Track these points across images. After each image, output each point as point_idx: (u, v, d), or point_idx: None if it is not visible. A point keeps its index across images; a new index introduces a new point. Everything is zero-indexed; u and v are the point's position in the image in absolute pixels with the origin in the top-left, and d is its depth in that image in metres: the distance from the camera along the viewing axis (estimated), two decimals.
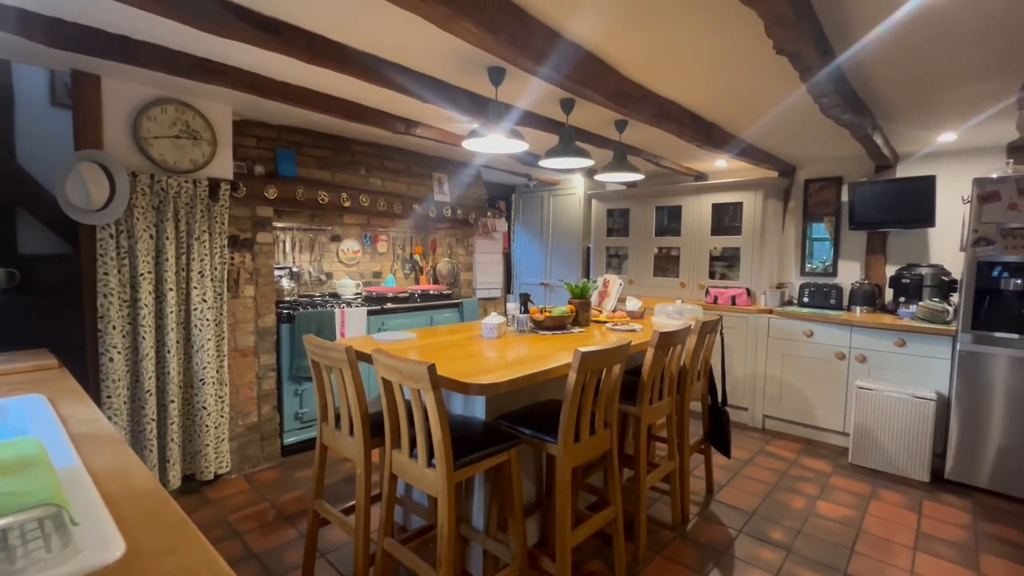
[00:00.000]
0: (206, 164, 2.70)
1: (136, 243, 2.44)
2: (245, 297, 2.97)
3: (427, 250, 4.78)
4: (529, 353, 2.10)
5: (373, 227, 4.37)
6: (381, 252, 4.46)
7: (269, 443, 3.11)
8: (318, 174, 3.37)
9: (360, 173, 3.60)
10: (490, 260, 4.47)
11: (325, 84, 2.42)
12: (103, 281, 2.35)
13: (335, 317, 3.31)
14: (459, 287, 4.50)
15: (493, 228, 4.46)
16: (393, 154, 3.82)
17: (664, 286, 4.64)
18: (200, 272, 2.66)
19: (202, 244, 2.66)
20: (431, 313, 3.99)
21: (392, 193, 3.76)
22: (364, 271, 4.34)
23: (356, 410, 1.80)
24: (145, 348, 2.48)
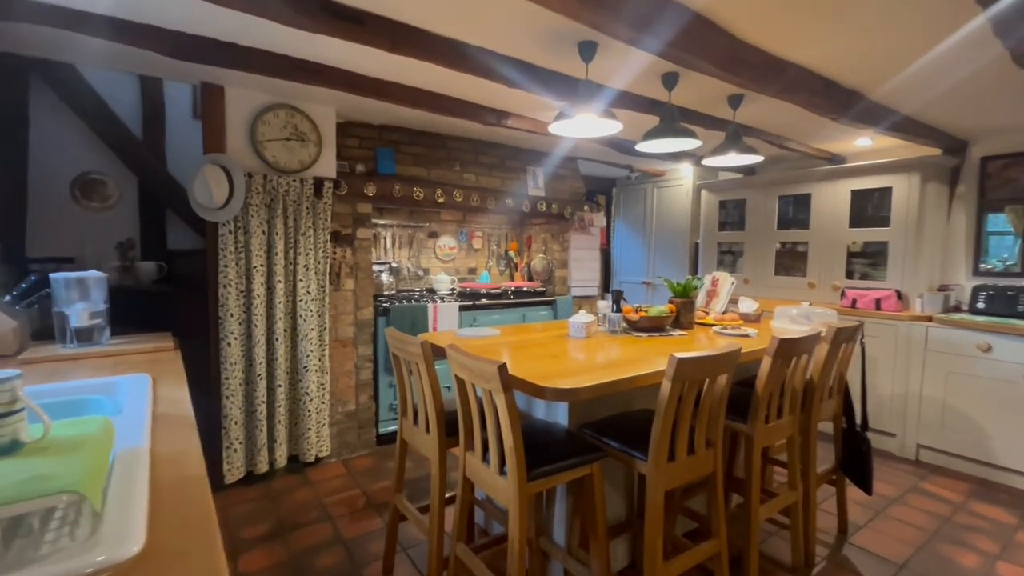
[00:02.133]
0: (312, 164, 2.86)
1: (250, 238, 2.64)
2: (345, 290, 3.11)
3: (522, 246, 4.70)
4: (619, 356, 1.88)
5: (468, 223, 4.38)
6: (476, 248, 4.46)
7: (365, 431, 3.23)
8: (414, 171, 3.44)
9: (455, 169, 3.61)
10: (586, 256, 4.26)
11: (413, 77, 2.42)
12: (223, 273, 2.58)
13: (428, 312, 3.35)
14: (553, 284, 4.35)
15: (590, 223, 4.25)
16: (487, 148, 3.78)
17: (788, 286, 4.06)
18: (305, 266, 2.82)
19: (307, 239, 2.82)
20: (524, 310, 3.89)
21: (486, 188, 3.72)
22: (460, 267, 4.38)
23: (432, 407, 1.74)
24: (257, 335, 2.68)
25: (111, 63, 2.31)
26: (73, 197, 3.03)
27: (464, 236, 4.37)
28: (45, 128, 2.93)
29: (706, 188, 4.63)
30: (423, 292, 3.98)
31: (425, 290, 4.08)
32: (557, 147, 3.95)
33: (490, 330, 2.42)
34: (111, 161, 3.12)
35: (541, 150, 4.06)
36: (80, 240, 3.04)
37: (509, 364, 1.68)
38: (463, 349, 1.56)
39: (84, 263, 3.05)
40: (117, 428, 1.03)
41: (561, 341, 2.15)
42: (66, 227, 3.01)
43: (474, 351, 1.88)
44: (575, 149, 4.03)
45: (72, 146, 3.01)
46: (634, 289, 5.28)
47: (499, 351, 1.95)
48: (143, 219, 3.23)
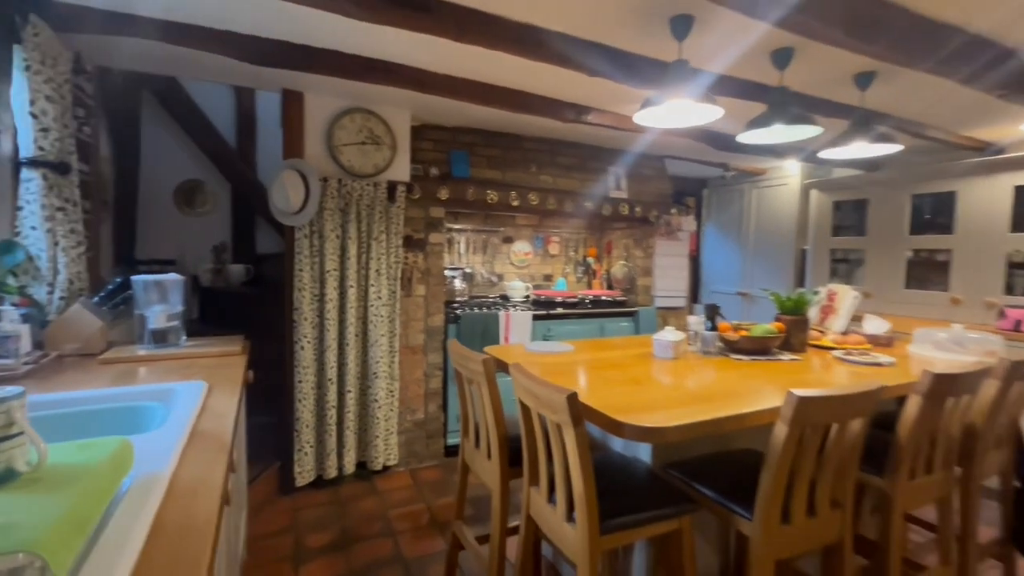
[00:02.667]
0: (386, 167, 2.82)
1: (324, 242, 2.64)
2: (416, 296, 3.04)
3: (601, 252, 4.42)
4: (715, 385, 1.58)
5: (545, 228, 4.19)
6: (552, 254, 4.25)
7: (434, 441, 3.14)
8: (488, 173, 3.31)
9: (530, 170, 3.44)
10: (673, 264, 3.89)
11: (485, 73, 2.27)
12: (298, 277, 2.60)
13: (499, 320, 3.19)
14: (635, 294, 4.02)
15: (677, 227, 3.87)
16: (565, 149, 3.57)
17: (922, 302, 3.42)
18: (377, 270, 2.78)
19: (379, 244, 2.78)
20: (602, 322, 3.62)
21: (563, 190, 3.50)
22: (535, 274, 4.20)
23: (494, 432, 1.55)
24: (328, 339, 2.67)
25: (204, 74, 2.41)
26: (176, 203, 3.24)
27: (540, 241, 4.18)
28: (154, 140, 3.16)
29: (817, 187, 4.06)
30: (496, 299, 3.84)
31: (499, 297, 3.94)
32: (642, 144, 3.63)
33: (563, 345, 2.19)
34: (208, 169, 3.31)
35: (623, 149, 3.77)
36: (181, 243, 3.26)
37: (583, 389, 1.45)
38: (529, 371, 1.36)
39: (184, 265, 3.26)
40: (149, 446, 0.96)
41: (644, 362, 1.88)
42: (169, 232, 3.24)
43: (543, 371, 1.67)
44: (662, 146, 3.69)
45: (176, 156, 3.23)
46: (726, 301, 4.78)
47: (572, 372, 1.72)
48: (235, 224, 3.40)
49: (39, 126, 1.62)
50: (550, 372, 1.71)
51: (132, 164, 3.07)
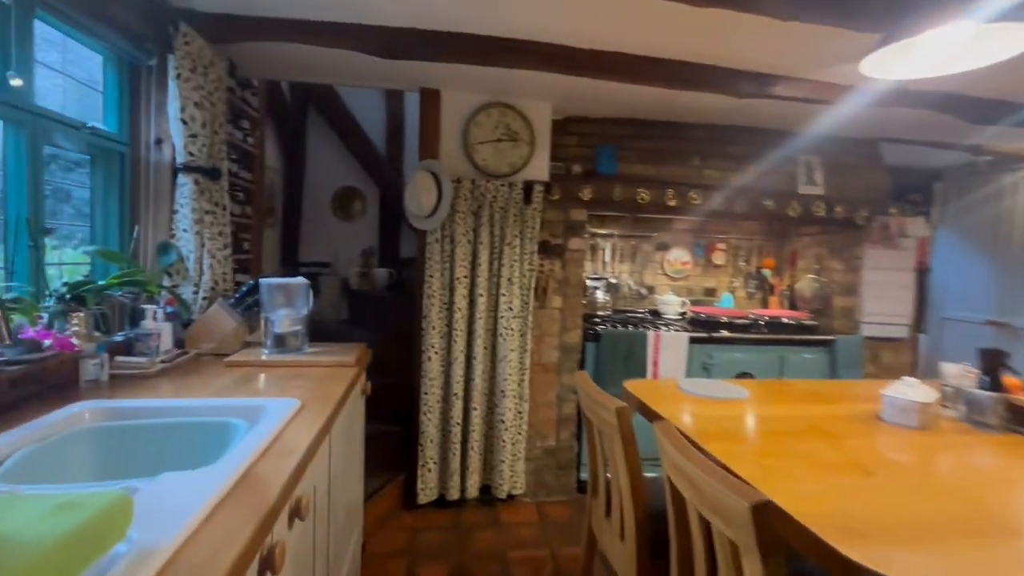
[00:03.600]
0: (523, 166, 2.56)
1: (455, 247, 2.47)
2: (551, 308, 2.71)
3: (781, 264, 3.59)
4: (1013, 491, 0.93)
5: (708, 233, 3.54)
6: (717, 264, 3.58)
7: (565, 473, 2.77)
8: (640, 169, 2.84)
9: (692, 164, 2.87)
10: (890, 280, 2.93)
11: (637, 42, 1.85)
12: (428, 283, 2.47)
13: (647, 341, 2.70)
14: (830, 317, 3.14)
15: (899, 232, 2.91)
16: (736, 135, 2.92)
17: None
18: (509, 279, 2.53)
19: (512, 249, 2.52)
20: (781, 351, 2.87)
21: (734, 187, 2.86)
22: (693, 287, 3.57)
23: (629, 507, 1.13)
24: (456, 351, 2.49)
25: (342, 78, 2.42)
26: (332, 209, 3.43)
27: (701, 249, 3.55)
28: (317, 150, 3.38)
29: None
30: (644, 315, 3.33)
31: (648, 312, 3.42)
32: (847, 123, 2.79)
33: (733, 387, 1.65)
34: (361, 176, 3.44)
35: (818, 132, 2.96)
36: (336, 247, 3.43)
37: (771, 476, 0.95)
38: (683, 439, 0.91)
39: (336, 268, 3.43)
40: (177, 492, 0.77)
41: (867, 429, 1.26)
42: (326, 236, 3.43)
43: (703, 430, 1.18)
44: (877, 124, 2.79)
45: (334, 164, 3.41)
46: (968, 332, 3.52)
47: (750, 436, 1.21)
48: (382, 228, 3.48)
49: (188, 132, 1.68)
50: (714, 431, 1.22)
51: (299, 173, 3.32)
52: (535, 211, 2.55)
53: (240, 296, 1.80)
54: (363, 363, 1.82)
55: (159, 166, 1.78)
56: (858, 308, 2.92)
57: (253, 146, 2.48)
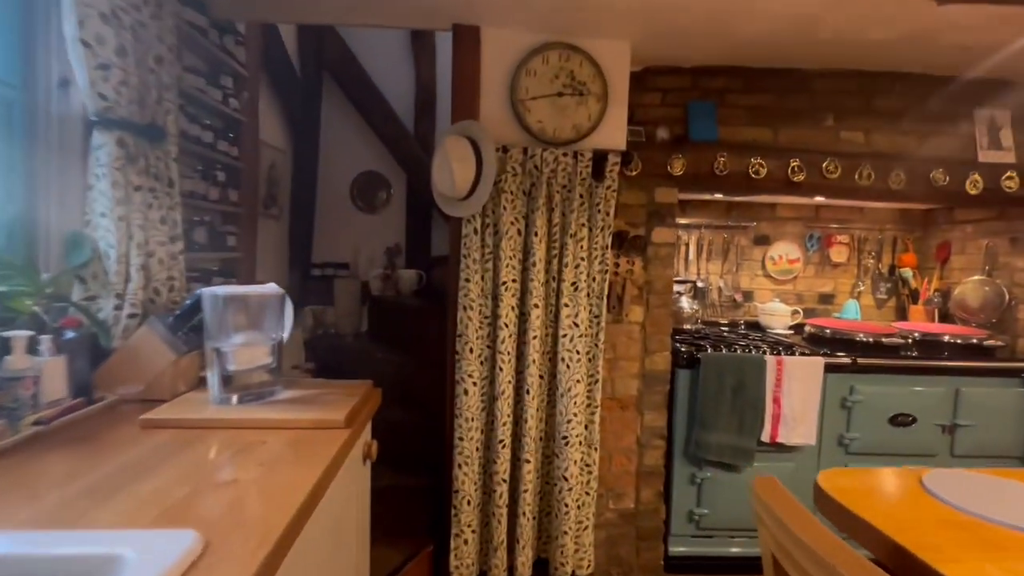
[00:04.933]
0: (592, 130, 1.87)
1: (501, 240, 1.81)
2: (630, 322, 2.01)
3: (925, 260, 2.73)
4: None
5: (824, 222, 2.73)
6: (836, 262, 2.76)
7: (648, 546, 2.06)
8: (750, 133, 2.09)
9: (824, 124, 2.09)
10: None
11: None
12: (463, 290, 1.82)
13: (765, 369, 1.94)
14: (1012, 334, 2.28)
15: None
16: (888, 83, 2.11)
17: None
18: (574, 283, 1.84)
19: (578, 243, 1.84)
20: (954, 382, 2.04)
21: (885, 154, 2.06)
22: (803, 291, 2.77)
23: None
24: (502, 383, 1.83)
25: (355, 17, 1.81)
26: (352, 199, 2.85)
27: (815, 241, 2.74)
28: (332, 127, 2.81)
29: None
30: (741, 329, 2.57)
31: (745, 324, 2.66)
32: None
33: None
34: (385, 159, 2.84)
35: (1006, 74, 2.11)
36: (355, 245, 2.85)
37: None
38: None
39: (356, 269, 2.84)
40: None
41: None
42: (345, 231, 2.85)
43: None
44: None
45: (353, 145, 2.83)
46: None
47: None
48: (410, 222, 2.87)
49: (96, 60, 1.09)
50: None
51: (310, 155, 2.76)
52: (609, 191, 1.86)
53: (182, 313, 1.20)
54: (366, 413, 1.18)
55: (66, 120, 1.20)
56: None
57: (241, 112, 1.91)
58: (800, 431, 1.95)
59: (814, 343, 2.26)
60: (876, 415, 2.01)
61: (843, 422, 2.02)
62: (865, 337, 2.17)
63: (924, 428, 2.02)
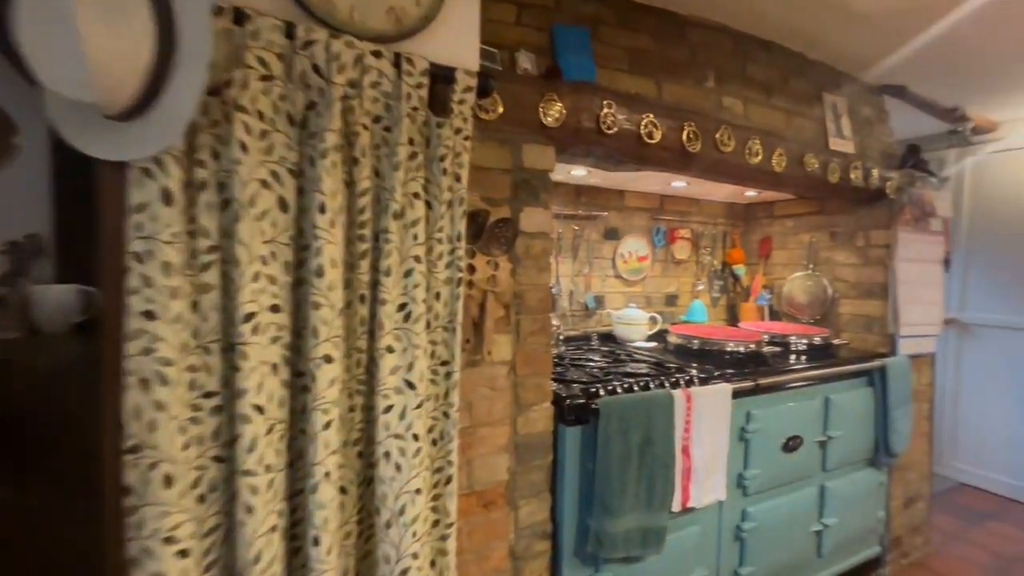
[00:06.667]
0: (423, 25, 1.02)
1: (237, 219, 0.81)
2: (493, 363, 1.22)
3: (749, 255, 2.67)
4: None
5: (667, 213, 2.42)
6: (679, 259, 2.48)
7: None
8: (632, 83, 1.52)
9: (706, 85, 1.66)
10: (923, 276, 2.16)
11: None
12: (138, 338, 0.76)
13: (673, 410, 1.39)
14: (837, 327, 2.27)
15: (928, 210, 2.15)
16: (757, 50, 1.81)
17: None
18: (402, 306, 0.97)
19: (408, 230, 0.97)
20: (824, 391, 1.84)
21: (763, 130, 1.73)
22: (652, 293, 2.42)
23: None
24: (250, 538, 0.83)
25: None
26: None
27: (662, 236, 2.41)
28: None
29: None
30: (592, 343, 2.06)
31: (596, 337, 2.16)
32: (892, 53, 1.90)
33: None
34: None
35: (838, 66, 2.03)
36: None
37: None
38: None
39: None
40: None
41: None
42: None
43: None
44: (907, 58, 1.96)
45: None
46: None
47: None
48: (61, 194, 1.53)
49: None
50: None
51: None
52: (461, 139, 1.04)
53: None
54: None
55: None
56: (895, 316, 2.07)
57: None
58: (712, 485, 1.47)
59: (684, 357, 1.85)
60: (770, 443, 1.67)
61: (741, 458, 1.62)
62: (733, 347, 1.84)
63: (808, 449, 1.77)
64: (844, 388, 1.90)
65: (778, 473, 1.69)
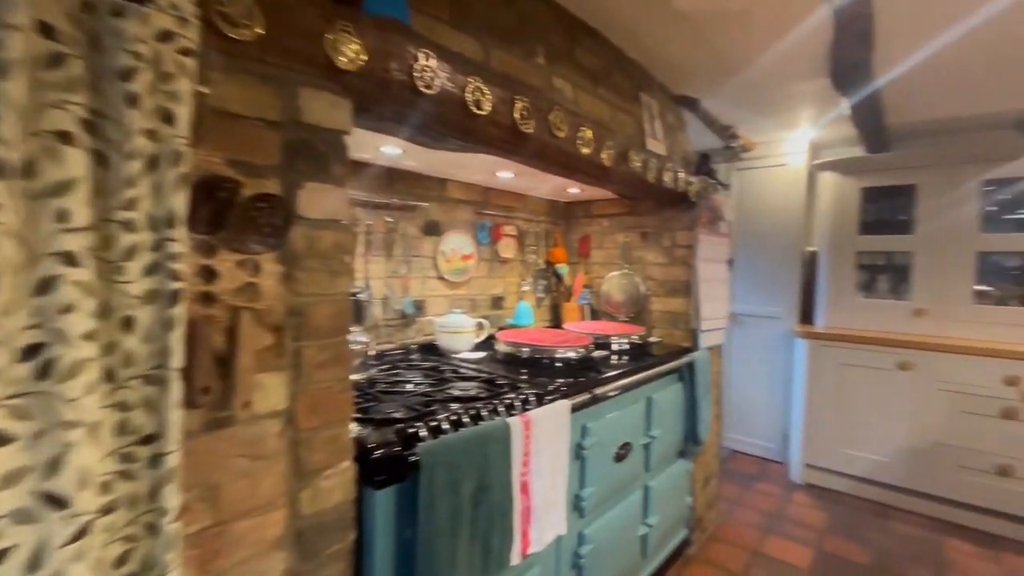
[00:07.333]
0: None
1: None
2: (256, 417, 0.79)
3: (570, 254, 2.65)
4: None
5: (491, 207, 2.22)
6: (504, 258, 2.31)
7: None
8: (455, 40, 1.22)
9: (536, 60, 1.46)
10: (716, 274, 2.35)
11: None
12: None
13: (511, 443, 1.14)
14: (649, 324, 2.36)
15: (718, 214, 2.35)
16: (585, 37, 1.69)
17: (997, 320, 2.57)
18: (27, 346, 0.49)
19: (39, 200, 0.50)
20: (647, 391, 1.84)
21: (593, 119, 1.61)
22: (477, 295, 2.19)
23: None
24: None
25: None
26: None
27: (486, 232, 2.20)
28: None
29: (836, 169, 3.03)
30: (414, 359, 1.74)
31: (417, 348, 1.84)
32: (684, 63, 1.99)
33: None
34: None
35: (651, 70, 2.07)
36: None
37: None
38: None
39: None
40: None
41: None
42: None
43: None
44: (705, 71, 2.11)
45: None
46: None
47: None
48: None
49: None
50: None
51: None
52: (168, 46, 0.60)
53: None
54: None
55: None
56: (696, 312, 2.21)
57: None
58: (552, 521, 1.27)
59: (514, 367, 1.65)
60: (605, 455, 1.57)
61: (577, 478, 1.48)
62: (566, 352, 1.72)
63: (635, 453, 1.73)
64: (662, 386, 1.93)
65: (611, 484, 1.60)
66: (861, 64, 1.92)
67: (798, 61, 1.98)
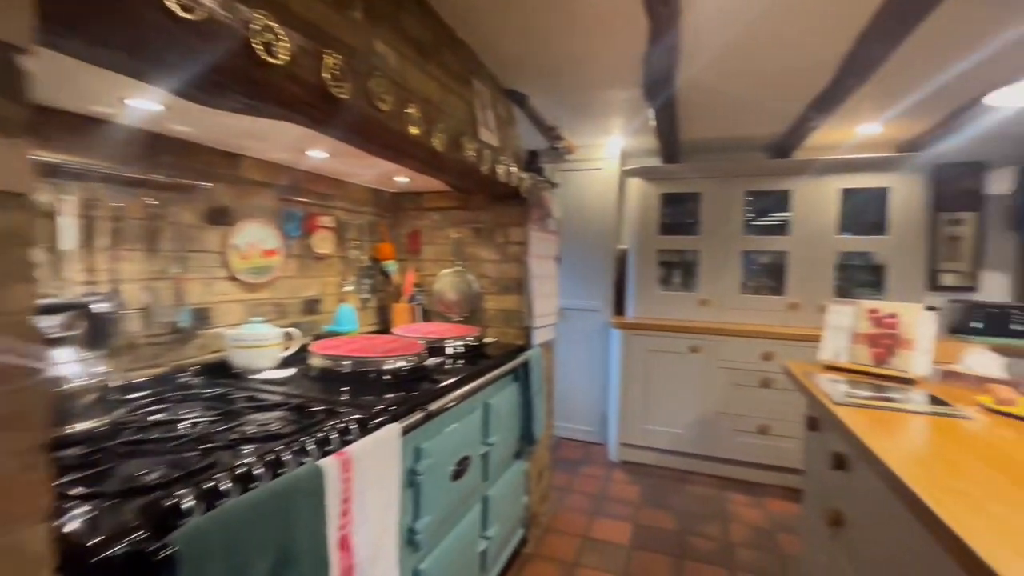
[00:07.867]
0: None
1: None
2: None
3: (401, 249, 2.41)
4: None
5: (304, 195, 1.87)
6: (319, 254, 1.97)
7: None
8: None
9: (353, 16, 1.20)
10: (545, 271, 2.36)
11: None
12: None
13: (325, 494, 0.89)
14: (483, 323, 2.28)
15: (548, 211, 2.37)
16: (412, 4, 1.48)
17: (760, 308, 3.15)
18: None
19: None
20: (483, 397, 1.73)
21: (422, 97, 1.42)
22: (285, 299, 1.82)
23: None
24: None
25: None
26: None
27: (296, 224, 1.83)
28: None
29: (641, 176, 3.37)
30: (206, 381, 1.35)
31: (202, 372, 1.43)
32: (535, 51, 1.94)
33: None
34: None
35: (481, 56, 1.96)
36: None
37: None
38: None
39: None
40: None
41: None
42: None
43: None
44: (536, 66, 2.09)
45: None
46: None
47: None
48: None
49: None
50: None
51: None
52: None
53: None
54: None
55: None
56: (530, 309, 2.18)
57: None
58: (381, 573, 1.05)
59: (332, 386, 1.39)
60: (441, 476, 1.40)
61: (411, 508, 1.29)
62: (396, 362, 1.51)
63: (474, 466, 1.60)
64: (498, 389, 1.85)
65: (449, 506, 1.45)
66: (668, 78, 2.10)
67: (617, 68, 2.07)
